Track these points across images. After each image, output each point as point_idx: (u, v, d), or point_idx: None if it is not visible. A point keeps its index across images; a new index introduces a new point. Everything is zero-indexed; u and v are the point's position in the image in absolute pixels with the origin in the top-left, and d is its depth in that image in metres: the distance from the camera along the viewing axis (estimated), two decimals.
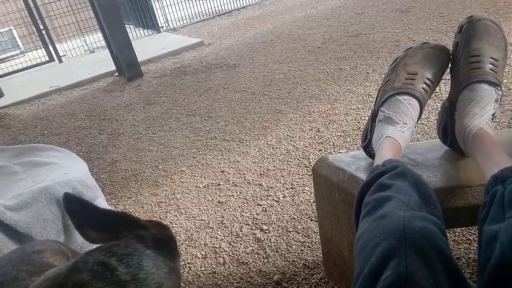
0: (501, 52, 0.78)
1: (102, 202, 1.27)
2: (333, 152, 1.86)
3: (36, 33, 5.37)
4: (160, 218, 1.66)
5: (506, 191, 0.55)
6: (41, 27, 5.30)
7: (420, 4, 3.83)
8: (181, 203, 1.73)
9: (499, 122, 1.70)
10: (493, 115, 0.78)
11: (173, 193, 1.81)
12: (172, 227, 1.59)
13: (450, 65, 0.85)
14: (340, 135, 1.98)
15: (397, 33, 3.20)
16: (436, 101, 2.04)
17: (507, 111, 1.76)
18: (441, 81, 0.88)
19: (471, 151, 0.73)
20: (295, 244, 1.36)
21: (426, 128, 1.82)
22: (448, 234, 1.20)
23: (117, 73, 4.02)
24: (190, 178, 1.90)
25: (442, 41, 2.75)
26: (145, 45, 5.00)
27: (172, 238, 0.56)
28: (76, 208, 0.49)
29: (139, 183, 1.97)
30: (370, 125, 0.87)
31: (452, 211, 0.73)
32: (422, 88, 0.80)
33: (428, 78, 0.81)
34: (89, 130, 2.80)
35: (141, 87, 3.48)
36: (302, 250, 1.33)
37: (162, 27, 6.03)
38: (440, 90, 2.11)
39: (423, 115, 1.92)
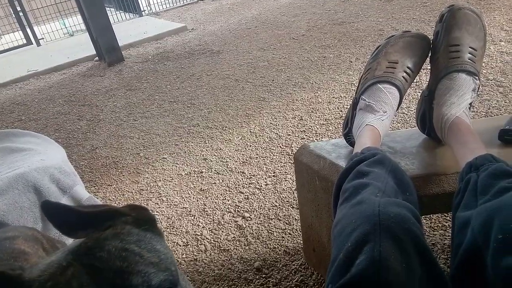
0: (480, 41, 0.79)
1: (80, 189, 1.25)
2: (316, 140, 1.87)
3: (13, 14, 5.17)
4: None
5: (480, 179, 0.57)
6: (18, 8, 5.10)
7: None
8: (163, 190, 1.72)
9: (477, 111, 1.74)
10: (470, 104, 0.79)
11: (155, 181, 1.80)
12: (154, 214, 1.58)
13: (430, 54, 0.85)
14: (323, 124, 1.98)
15: (381, 22, 3.21)
16: (417, 90, 2.07)
17: (485, 101, 1.80)
18: (422, 70, 0.89)
19: (448, 139, 0.75)
20: (276, 231, 1.37)
21: (406, 117, 1.85)
22: (424, 220, 1.23)
23: (97, 58, 3.92)
24: (172, 165, 1.89)
25: (424, 30, 2.78)
26: (126, 29, 4.89)
27: (152, 218, 0.57)
28: (56, 214, 0.48)
29: (119, 170, 1.94)
30: (351, 113, 0.87)
31: (428, 198, 0.74)
32: (402, 76, 0.81)
33: (408, 67, 0.81)
34: (68, 116, 2.74)
35: (122, 72, 3.41)
36: (283, 237, 1.34)
37: (144, 10, 5.90)
38: (420, 79, 2.14)
39: (404, 104, 1.94)
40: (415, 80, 2.07)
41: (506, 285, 0.43)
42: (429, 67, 0.88)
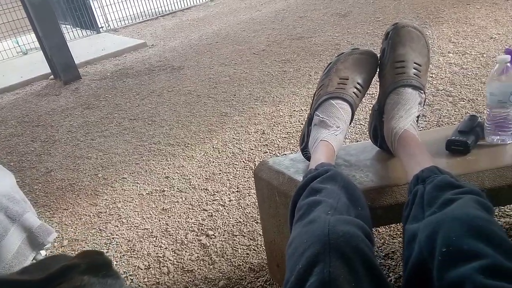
0: (424, 57, 0.83)
1: (31, 217, 1.18)
2: (278, 154, 1.88)
3: None
4: (100, 230, 1.58)
5: (426, 191, 0.59)
6: None
7: (358, 9, 4.00)
8: (123, 212, 1.66)
9: (429, 121, 1.82)
10: (418, 117, 0.82)
11: (114, 202, 1.73)
12: (113, 238, 1.52)
13: (378, 70, 0.89)
14: (285, 137, 2.00)
15: (337, 36, 3.32)
16: (373, 103, 2.14)
17: (436, 111, 1.89)
18: (374, 84, 0.92)
19: (397, 152, 0.77)
20: (240, 248, 1.35)
21: (364, 128, 1.90)
22: (383, 229, 1.26)
23: (52, 76, 3.78)
24: (133, 185, 1.83)
25: (378, 44, 2.90)
26: (83, 46, 4.76)
27: (108, 262, 0.54)
28: None
29: (76, 193, 1.86)
30: (307, 129, 0.89)
31: (383, 209, 0.76)
32: (353, 92, 0.83)
33: (358, 83, 0.84)
34: (20, 137, 2.61)
35: (79, 91, 3.30)
36: (247, 253, 1.32)
37: (102, 27, 5.78)
38: (376, 92, 2.22)
39: (361, 116, 2.00)
40: (371, 93, 2.14)
41: None
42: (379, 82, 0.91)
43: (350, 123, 0.88)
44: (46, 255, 1.49)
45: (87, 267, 0.49)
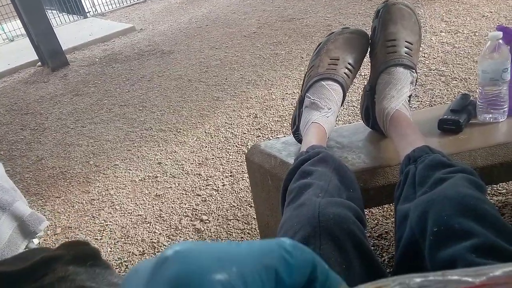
0: (415, 35, 0.81)
1: (21, 205, 1.16)
2: (271, 138, 1.87)
3: None
4: (93, 217, 1.57)
5: (418, 171, 0.58)
6: None
7: None
8: (116, 199, 1.65)
9: (421, 101, 1.81)
10: (409, 96, 0.81)
11: (107, 189, 1.72)
12: (107, 225, 1.51)
13: (369, 49, 0.87)
14: (278, 120, 1.99)
15: (329, 17, 3.28)
16: (365, 83, 2.13)
17: (429, 90, 1.88)
18: (365, 65, 0.91)
19: (389, 132, 0.76)
20: (235, 232, 1.35)
21: (357, 110, 1.89)
22: (376, 209, 1.27)
23: (40, 63, 3.71)
24: (125, 172, 1.82)
25: (370, 24, 2.87)
26: (70, 31, 4.66)
27: (96, 251, 0.52)
28: None
29: (68, 180, 1.84)
30: (298, 111, 0.88)
31: (375, 190, 0.75)
32: (344, 73, 0.82)
33: (349, 63, 0.82)
34: (9, 126, 2.57)
35: (68, 77, 3.24)
36: (242, 237, 1.33)
37: (89, 12, 5.65)
38: (368, 73, 2.20)
39: (354, 97, 1.99)
40: (363, 74, 2.13)
41: None
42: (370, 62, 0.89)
43: (342, 105, 0.86)
44: (39, 243, 1.49)
45: (72, 258, 0.47)
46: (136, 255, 1.33)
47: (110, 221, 1.52)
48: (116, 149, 2.03)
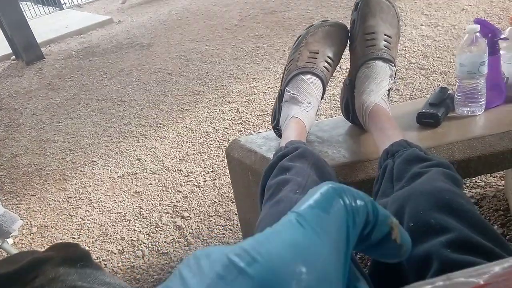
0: (394, 28, 0.81)
1: None
2: (253, 132, 1.86)
3: None
4: (70, 215, 1.53)
5: (395, 165, 0.57)
6: None
7: None
8: (94, 196, 1.61)
9: (402, 94, 1.83)
10: (388, 90, 0.81)
11: (84, 187, 1.67)
12: (84, 223, 1.47)
13: (349, 42, 0.86)
14: (260, 115, 1.97)
15: (311, 10, 3.26)
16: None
17: (409, 84, 1.90)
18: (345, 59, 0.90)
19: (369, 126, 0.76)
20: (216, 228, 1.34)
21: (338, 103, 1.89)
22: None
23: (13, 57, 3.58)
24: (103, 168, 1.77)
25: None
26: (46, 23, 4.52)
27: (86, 253, 0.50)
28: None
29: (44, 178, 1.79)
30: (278, 105, 0.86)
31: (355, 184, 0.75)
32: (324, 66, 0.81)
33: (329, 56, 0.81)
34: None
35: (43, 71, 3.14)
36: (223, 233, 1.31)
37: (65, 3, 5.48)
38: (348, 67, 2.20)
39: (336, 91, 1.99)
40: (344, 67, 2.13)
41: (417, 273, 0.43)
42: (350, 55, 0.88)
43: (322, 98, 0.85)
44: (14, 243, 1.44)
45: (62, 259, 0.45)
46: (115, 254, 1.30)
47: (87, 219, 1.49)
48: (94, 145, 1.98)
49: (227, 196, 1.47)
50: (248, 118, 1.96)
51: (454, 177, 0.54)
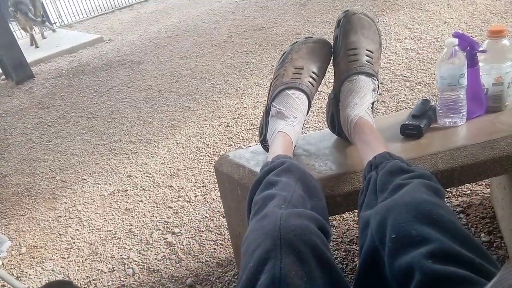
0: (375, 44, 0.83)
1: None
2: (243, 146, 1.87)
3: None
4: (60, 234, 1.51)
5: (379, 177, 0.59)
6: None
7: None
8: (84, 215, 1.59)
9: (388, 106, 1.86)
10: (372, 103, 0.83)
11: (74, 205, 1.66)
12: (74, 242, 1.46)
13: (332, 57, 0.88)
14: (249, 129, 1.99)
15: (298, 26, 3.33)
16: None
17: (395, 96, 1.93)
18: (329, 73, 0.92)
19: (353, 139, 0.78)
20: (208, 244, 1.33)
21: None
22: (347, 214, 1.28)
23: (3, 76, 3.58)
24: (93, 186, 1.76)
25: None
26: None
27: None
28: None
29: (33, 197, 1.77)
30: (265, 120, 0.88)
31: (341, 196, 0.76)
32: (309, 81, 0.83)
33: (313, 72, 0.83)
34: None
35: (33, 90, 3.14)
36: (215, 248, 1.31)
37: (55, 23, 5.51)
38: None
39: (323, 104, 2.02)
40: (331, 81, 2.16)
41: (399, 285, 0.44)
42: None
43: (307, 113, 0.87)
44: (2, 264, 1.42)
45: None
46: (105, 273, 1.29)
47: (77, 238, 1.47)
48: (84, 163, 1.97)
49: (218, 211, 1.47)
50: (238, 132, 1.97)
51: (436, 187, 0.56)
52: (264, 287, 0.42)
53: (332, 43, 0.89)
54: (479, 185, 1.28)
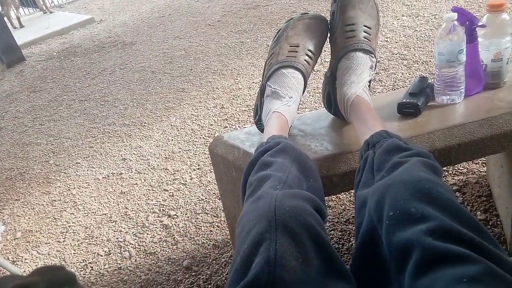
0: (373, 19, 0.80)
1: None
2: (239, 128, 1.85)
3: None
4: (55, 218, 1.50)
5: (376, 156, 0.57)
6: None
7: None
8: (78, 198, 1.58)
9: (385, 85, 1.83)
10: (369, 81, 0.81)
11: (68, 189, 1.65)
12: (69, 226, 1.45)
13: (329, 34, 0.86)
14: (245, 110, 1.97)
15: (293, 3, 3.26)
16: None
17: (392, 74, 1.90)
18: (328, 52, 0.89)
19: (350, 118, 0.76)
20: (204, 226, 1.33)
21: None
22: (344, 195, 1.28)
23: None
24: (87, 170, 1.75)
25: None
26: (26, 25, 4.42)
27: (72, 276, 0.49)
28: None
29: (27, 182, 1.75)
30: (259, 100, 0.86)
31: (338, 177, 0.75)
32: (305, 60, 0.80)
33: (309, 50, 0.81)
34: None
35: (24, 73, 3.08)
36: (211, 230, 1.30)
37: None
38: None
39: (320, 84, 1.99)
40: (327, 60, 2.13)
41: (398, 262, 0.43)
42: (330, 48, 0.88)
43: (303, 92, 0.85)
44: None
45: (47, 285, 0.43)
46: (101, 256, 1.29)
47: (73, 222, 1.46)
48: (77, 146, 1.94)
49: (213, 193, 1.47)
50: (233, 114, 1.95)
51: (434, 166, 0.55)
52: (258, 268, 0.41)
53: (328, 20, 0.86)
54: (476, 164, 1.27)
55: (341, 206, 1.25)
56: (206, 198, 1.45)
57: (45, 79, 2.86)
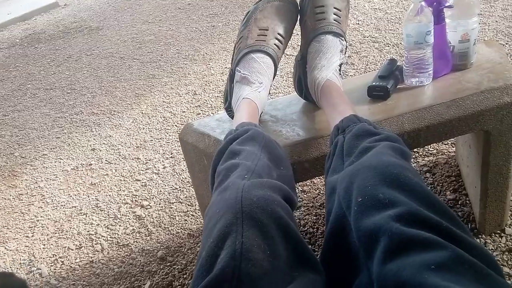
0: (343, 1, 0.79)
1: None
2: (212, 114, 1.82)
3: None
4: (22, 213, 1.44)
5: (345, 141, 0.57)
6: None
7: None
8: (46, 191, 1.53)
9: (357, 69, 1.84)
10: (340, 65, 0.80)
11: (36, 182, 1.59)
12: (38, 220, 1.40)
13: (299, 16, 0.84)
14: (218, 96, 1.93)
15: None
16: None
17: (363, 58, 1.91)
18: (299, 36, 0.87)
19: (321, 103, 0.75)
20: (178, 215, 1.31)
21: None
22: (318, 179, 1.28)
23: None
24: (55, 162, 1.68)
25: None
26: None
27: (22, 282, 0.46)
28: None
29: None
30: (229, 86, 0.83)
31: (310, 162, 0.74)
32: (275, 44, 0.78)
33: (279, 33, 0.79)
34: None
35: None
36: (185, 220, 1.29)
37: None
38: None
39: (292, 69, 1.98)
40: (298, 45, 2.11)
41: (366, 248, 0.43)
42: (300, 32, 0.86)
43: (274, 77, 0.83)
44: None
45: None
46: (72, 250, 1.25)
47: (41, 216, 1.41)
48: (44, 137, 1.87)
49: (187, 182, 1.44)
50: (206, 100, 1.91)
51: (402, 150, 0.54)
52: (224, 263, 0.40)
53: (298, 1, 0.84)
54: (445, 144, 1.30)
55: (316, 191, 1.26)
56: (179, 187, 1.43)
57: (7, 68, 2.71)
